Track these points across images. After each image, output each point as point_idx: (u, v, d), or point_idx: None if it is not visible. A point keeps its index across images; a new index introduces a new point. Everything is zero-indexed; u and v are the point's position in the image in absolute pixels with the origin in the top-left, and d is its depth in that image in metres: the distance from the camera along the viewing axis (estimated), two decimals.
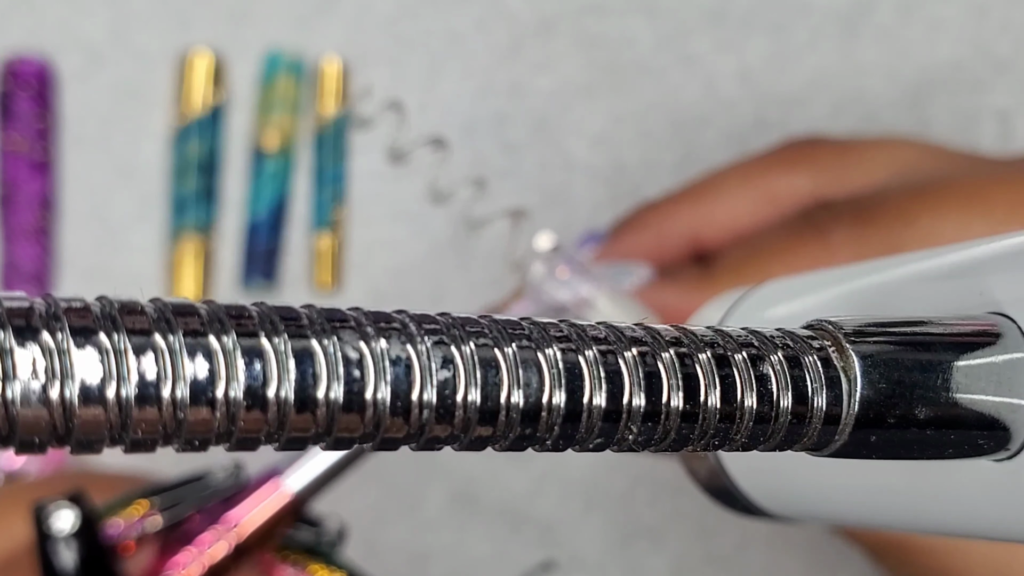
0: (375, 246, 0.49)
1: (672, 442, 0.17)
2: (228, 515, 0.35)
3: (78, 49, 0.49)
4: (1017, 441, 0.18)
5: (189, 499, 0.36)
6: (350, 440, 0.15)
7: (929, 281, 0.20)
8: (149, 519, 0.35)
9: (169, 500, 0.36)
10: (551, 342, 0.16)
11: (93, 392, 0.14)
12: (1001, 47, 0.51)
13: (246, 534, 0.35)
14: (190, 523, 0.35)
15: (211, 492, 0.36)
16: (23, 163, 0.48)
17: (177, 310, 0.15)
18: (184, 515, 0.35)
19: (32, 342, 0.14)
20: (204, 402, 0.14)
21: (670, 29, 0.50)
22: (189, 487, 0.36)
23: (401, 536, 0.49)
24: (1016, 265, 0.18)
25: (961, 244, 0.20)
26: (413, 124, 0.45)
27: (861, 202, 0.39)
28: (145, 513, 0.35)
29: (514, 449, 0.16)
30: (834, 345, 0.17)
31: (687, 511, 0.49)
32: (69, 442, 0.14)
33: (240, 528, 0.35)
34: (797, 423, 0.17)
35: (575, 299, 0.39)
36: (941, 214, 0.38)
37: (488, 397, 0.16)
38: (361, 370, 0.15)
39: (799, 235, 0.40)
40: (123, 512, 0.35)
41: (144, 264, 0.49)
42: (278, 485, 0.35)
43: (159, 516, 0.35)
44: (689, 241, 0.43)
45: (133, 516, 0.35)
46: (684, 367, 0.16)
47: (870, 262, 0.22)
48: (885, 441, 0.17)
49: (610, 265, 0.42)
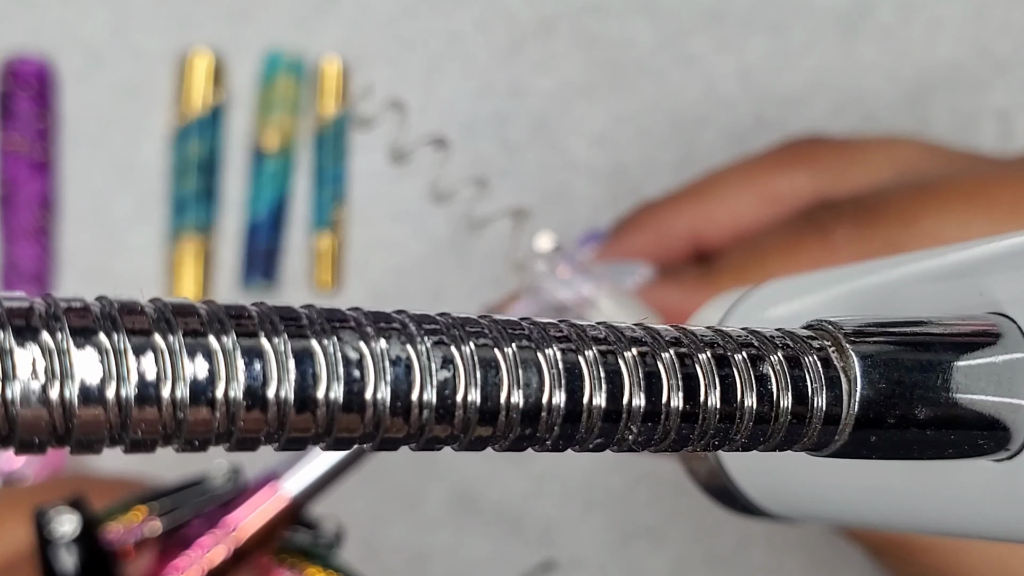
0: (375, 246, 0.49)
1: (672, 442, 0.17)
2: (227, 519, 0.35)
3: (78, 49, 0.49)
4: (1017, 441, 0.18)
5: (188, 503, 0.36)
6: (350, 440, 0.15)
7: (929, 281, 0.20)
8: (148, 524, 0.35)
9: (168, 505, 0.36)
10: (551, 342, 0.16)
11: (93, 392, 0.14)
12: (1001, 47, 0.51)
13: (245, 538, 0.35)
14: (189, 527, 0.35)
15: (209, 496, 0.36)
16: (23, 163, 0.48)
17: (177, 310, 0.15)
18: (183, 519, 0.36)
19: (32, 342, 0.14)
20: (204, 402, 0.14)
21: (670, 29, 0.50)
22: (188, 491, 0.36)
23: (401, 536, 0.49)
24: (1016, 265, 0.18)
25: (961, 244, 0.20)
26: (413, 124, 0.45)
27: (863, 201, 0.39)
28: (145, 518, 0.35)
29: (514, 449, 0.16)
30: (834, 345, 0.17)
31: (687, 511, 0.49)
32: (69, 442, 0.14)
33: (239, 532, 0.35)
34: (797, 423, 0.17)
35: (576, 298, 0.39)
36: (943, 213, 0.38)
37: (488, 397, 0.16)
38: (361, 370, 0.15)
39: (801, 234, 0.40)
40: (123, 517, 0.35)
41: (144, 264, 0.49)
42: (276, 489, 0.35)
43: (158, 521, 0.35)
44: (690, 240, 0.43)
45: (133, 521, 0.35)
46: (684, 367, 0.16)
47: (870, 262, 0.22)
48: (885, 441, 0.17)
49: (611, 264, 0.42)
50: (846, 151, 0.42)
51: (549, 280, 0.40)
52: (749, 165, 0.43)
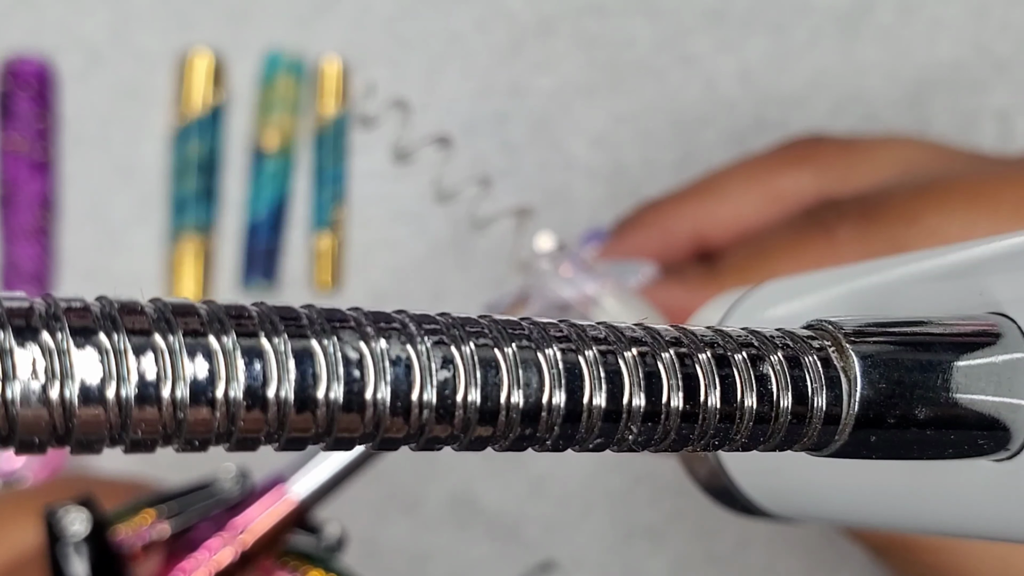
0: (375, 246, 0.49)
1: (672, 442, 0.17)
2: (234, 522, 0.35)
3: (78, 49, 0.49)
4: (1017, 441, 0.18)
5: (195, 506, 0.36)
6: (350, 440, 0.15)
7: (929, 281, 0.20)
8: (157, 527, 0.35)
9: (176, 508, 0.36)
10: (551, 342, 0.16)
11: (93, 392, 0.14)
12: (1001, 47, 0.51)
13: (252, 541, 0.35)
14: (196, 530, 0.35)
15: (217, 500, 0.36)
16: (23, 163, 0.48)
17: (177, 310, 0.15)
18: (191, 522, 0.36)
19: (32, 342, 0.14)
20: (204, 402, 0.14)
21: (670, 29, 0.50)
22: (195, 495, 0.36)
23: (401, 536, 0.49)
24: (1016, 265, 0.18)
25: (961, 244, 0.20)
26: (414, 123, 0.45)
27: (867, 200, 0.39)
28: (153, 521, 0.35)
29: (514, 449, 0.16)
30: (834, 345, 0.17)
31: (687, 511, 0.49)
32: (69, 442, 0.14)
33: (246, 535, 0.35)
34: (797, 423, 0.17)
35: (580, 297, 0.39)
36: (947, 212, 0.38)
37: (488, 397, 0.16)
38: (361, 370, 0.15)
39: (805, 233, 0.40)
40: (131, 520, 0.35)
41: (144, 264, 0.49)
42: (283, 492, 0.35)
43: (167, 524, 0.35)
44: (693, 240, 0.43)
45: (141, 524, 0.35)
46: (684, 367, 0.16)
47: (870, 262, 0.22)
48: (885, 441, 0.17)
49: (615, 263, 0.42)
50: (849, 150, 0.42)
51: (553, 279, 0.40)
52: (752, 164, 0.43)
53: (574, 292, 0.39)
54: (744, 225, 0.42)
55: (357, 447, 0.15)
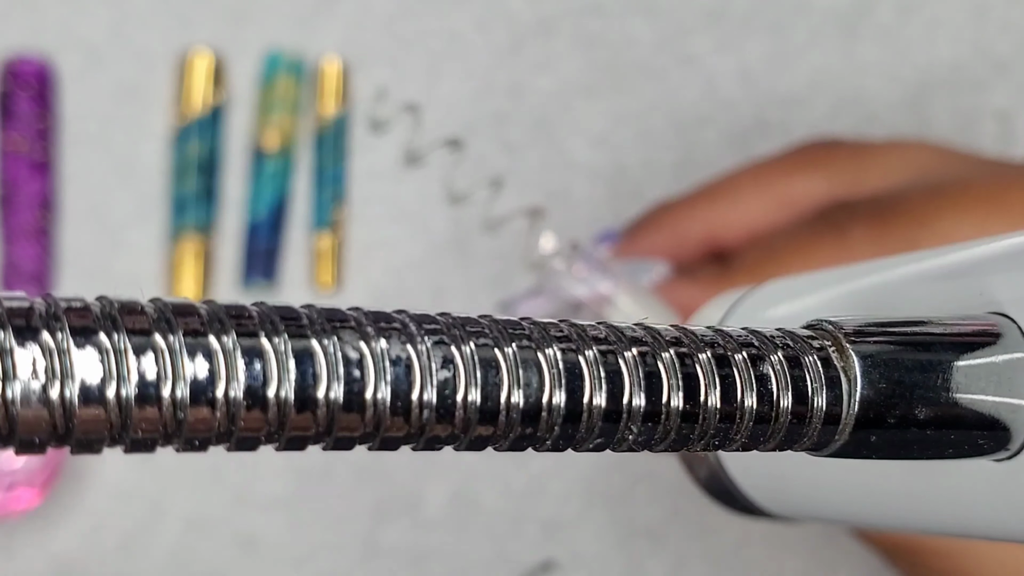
0: (375, 246, 0.49)
1: (672, 442, 0.17)
2: None
3: (78, 49, 0.49)
4: (1017, 441, 0.18)
5: None
6: (350, 440, 0.15)
7: (929, 281, 0.20)
8: None
9: None
10: (551, 342, 0.16)
11: (93, 392, 0.14)
12: (1001, 47, 0.51)
13: None
14: None
15: None
16: (23, 163, 0.48)
17: (177, 310, 0.15)
18: None
19: (32, 342, 0.14)
20: (204, 402, 0.14)
21: (670, 29, 0.50)
22: None
23: (401, 536, 0.49)
24: (1016, 265, 0.18)
25: (961, 244, 0.20)
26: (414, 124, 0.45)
27: (880, 202, 0.39)
28: None
29: (514, 449, 0.16)
30: (834, 345, 0.17)
31: (687, 511, 0.49)
32: (69, 442, 0.14)
33: None
34: (797, 423, 0.17)
35: (594, 295, 0.40)
36: (959, 215, 0.38)
37: (488, 397, 0.16)
38: (361, 370, 0.15)
39: (817, 234, 0.40)
40: None
41: (144, 264, 0.49)
42: None
43: None
44: (706, 241, 0.43)
45: None
46: (684, 367, 0.16)
47: (871, 262, 0.22)
48: (885, 441, 0.17)
49: (628, 262, 0.42)
50: (860, 154, 0.42)
51: (566, 278, 0.40)
52: (764, 168, 0.43)
53: (588, 291, 0.40)
54: (755, 229, 0.42)
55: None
